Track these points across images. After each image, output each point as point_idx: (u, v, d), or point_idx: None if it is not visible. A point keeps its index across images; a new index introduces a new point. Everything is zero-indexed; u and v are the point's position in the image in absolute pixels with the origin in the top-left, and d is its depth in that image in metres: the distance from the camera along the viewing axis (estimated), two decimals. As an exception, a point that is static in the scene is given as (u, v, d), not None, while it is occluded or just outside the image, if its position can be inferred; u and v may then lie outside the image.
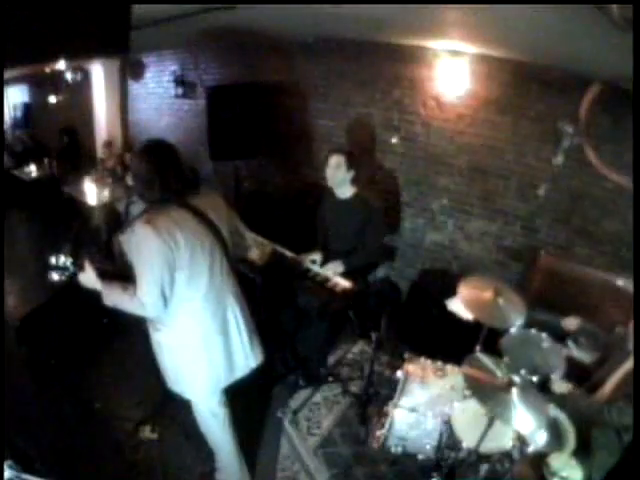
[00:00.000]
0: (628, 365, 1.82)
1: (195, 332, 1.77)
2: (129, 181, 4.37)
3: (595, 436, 1.79)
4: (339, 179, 2.78)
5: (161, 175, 1.63)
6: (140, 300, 1.61)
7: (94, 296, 1.72)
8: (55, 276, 1.70)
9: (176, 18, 3.11)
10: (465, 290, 2.17)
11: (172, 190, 1.65)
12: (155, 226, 1.56)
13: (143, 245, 1.57)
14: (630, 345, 1.81)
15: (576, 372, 2.06)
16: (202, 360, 1.80)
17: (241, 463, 2.12)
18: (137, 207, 3.84)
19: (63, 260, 1.70)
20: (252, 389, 2.71)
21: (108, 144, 5.46)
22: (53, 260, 1.69)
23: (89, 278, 1.72)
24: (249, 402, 2.68)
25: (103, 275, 1.74)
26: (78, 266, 1.71)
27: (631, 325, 1.83)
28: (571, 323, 2.21)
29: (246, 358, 1.94)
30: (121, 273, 1.71)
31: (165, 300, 1.63)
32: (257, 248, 2.85)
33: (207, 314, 1.77)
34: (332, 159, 2.76)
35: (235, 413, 2.08)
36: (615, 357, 1.91)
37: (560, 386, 1.91)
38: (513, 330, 2.22)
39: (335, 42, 3.72)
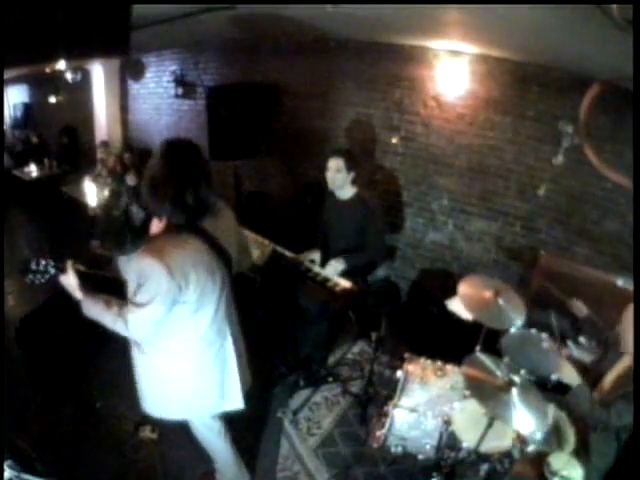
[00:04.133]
0: (623, 364, 1.82)
1: (188, 360, 1.66)
2: (129, 181, 4.38)
3: (592, 440, 1.80)
4: (340, 182, 2.77)
5: (179, 187, 1.40)
6: (127, 324, 1.49)
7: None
8: (34, 280, 1.61)
9: (176, 18, 3.12)
10: (465, 289, 2.17)
11: (188, 209, 1.43)
12: (168, 264, 1.39)
13: (150, 279, 1.41)
14: (622, 344, 1.82)
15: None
16: (189, 389, 1.71)
17: (240, 466, 2.11)
18: (137, 207, 3.85)
19: (44, 263, 1.59)
20: (252, 389, 2.72)
21: (104, 144, 5.46)
22: (33, 264, 1.59)
23: (69, 284, 1.60)
24: (249, 402, 2.68)
25: (89, 279, 1.63)
26: (59, 269, 1.60)
27: (623, 324, 1.83)
28: (580, 308, 2.20)
29: (236, 390, 1.81)
30: (113, 280, 1.63)
31: (155, 330, 1.52)
32: (257, 248, 2.85)
33: (205, 344, 1.66)
34: (331, 163, 2.74)
35: (235, 414, 2.07)
36: (611, 355, 1.92)
37: (580, 308, 1.90)
38: (513, 330, 2.23)
39: (335, 42, 3.72)
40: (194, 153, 1.51)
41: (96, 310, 1.56)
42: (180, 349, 1.64)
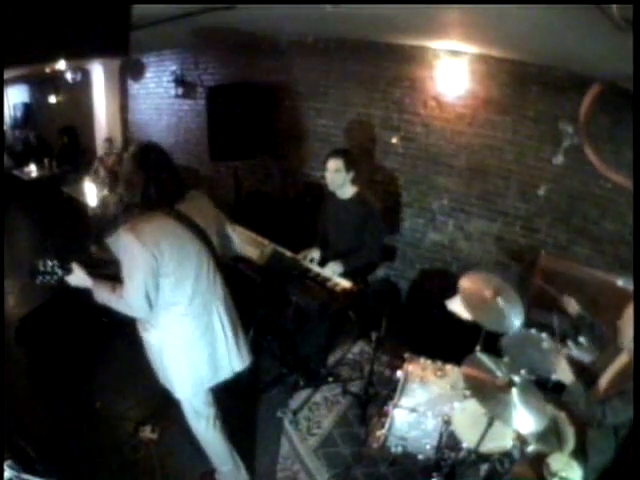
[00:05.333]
0: (620, 361, 1.82)
1: (179, 334, 1.80)
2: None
3: (590, 438, 1.80)
4: (339, 182, 2.78)
5: (146, 181, 1.66)
6: (127, 302, 1.66)
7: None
8: (44, 281, 1.71)
9: (176, 18, 3.11)
10: (467, 284, 2.16)
11: (154, 197, 1.67)
12: (138, 234, 1.59)
13: (127, 251, 1.62)
14: (621, 340, 1.82)
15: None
16: (184, 361, 1.82)
17: (236, 463, 2.11)
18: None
19: (50, 265, 1.70)
20: (252, 390, 2.72)
21: (109, 139, 5.47)
22: (40, 266, 1.69)
23: (79, 278, 1.76)
24: (249, 402, 2.69)
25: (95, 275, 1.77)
26: (66, 269, 1.73)
27: (623, 319, 1.82)
28: (571, 304, 2.20)
29: (230, 361, 1.94)
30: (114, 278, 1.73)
31: (150, 302, 1.67)
32: (257, 248, 2.85)
33: (191, 317, 1.79)
34: (330, 163, 2.75)
35: (235, 413, 2.08)
36: (609, 353, 1.92)
37: (565, 373, 1.88)
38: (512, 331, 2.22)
39: (335, 42, 3.73)
40: (156, 153, 1.75)
41: (104, 295, 1.73)
42: (171, 324, 1.78)
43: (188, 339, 1.81)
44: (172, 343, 1.80)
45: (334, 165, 2.74)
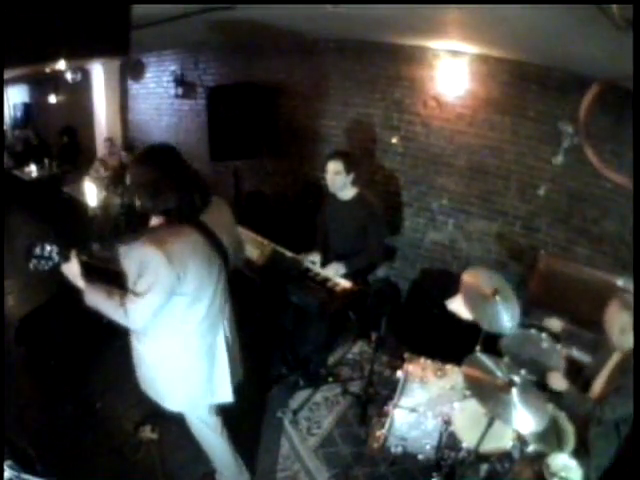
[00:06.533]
0: (613, 360, 1.84)
1: (180, 353, 1.71)
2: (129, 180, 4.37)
3: (592, 438, 1.80)
4: (340, 184, 2.77)
5: (177, 190, 1.51)
6: (127, 313, 1.53)
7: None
8: (38, 265, 1.61)
9: (176, 18, 3.11)
10: (468, 279, 2.16)
11: (187, 209, 1.53)
12: (168, 252, 1.45)
13: (150, 268, 1.46)
14: (612, 342, 1.82)
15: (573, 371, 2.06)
16: (180, 381, 1.75)
17: (238, 465, 2.10)
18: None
19: (48, 249, 1.60)
20: (251, 390, 2.72)
21: (109, 139, 5.47)
22: (37, 249, 1.60)
23: (73, 272, 1.63)
24: (249, 403, 2.69)
25: (91, 270, 1.67)
26: (63, 256, 1.62)
27: (607, 322, 1.83)
28: (554, 324, 2.22)
29: (226, 384, 1.84)
30: (114, 273, 1.65)
31: (152, 319, 1.57)
32: (257, 248, 2.85)
33: (197, 338, 1.70)
34: (330, 165, 2.74)
35: (235, 414, 2.07)
36: (603, 352, 1.92)
37: (558, 381, 1.91)
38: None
39: (335, 42, 3.73)
40: (177, 156, 1.60)
41: (98, 299, 1.60)
42: (171, 341, 1.69)
43: (189, 359, 1.72)
44: (170, 360, 1.72)
45: (334, 167, 2.73)
